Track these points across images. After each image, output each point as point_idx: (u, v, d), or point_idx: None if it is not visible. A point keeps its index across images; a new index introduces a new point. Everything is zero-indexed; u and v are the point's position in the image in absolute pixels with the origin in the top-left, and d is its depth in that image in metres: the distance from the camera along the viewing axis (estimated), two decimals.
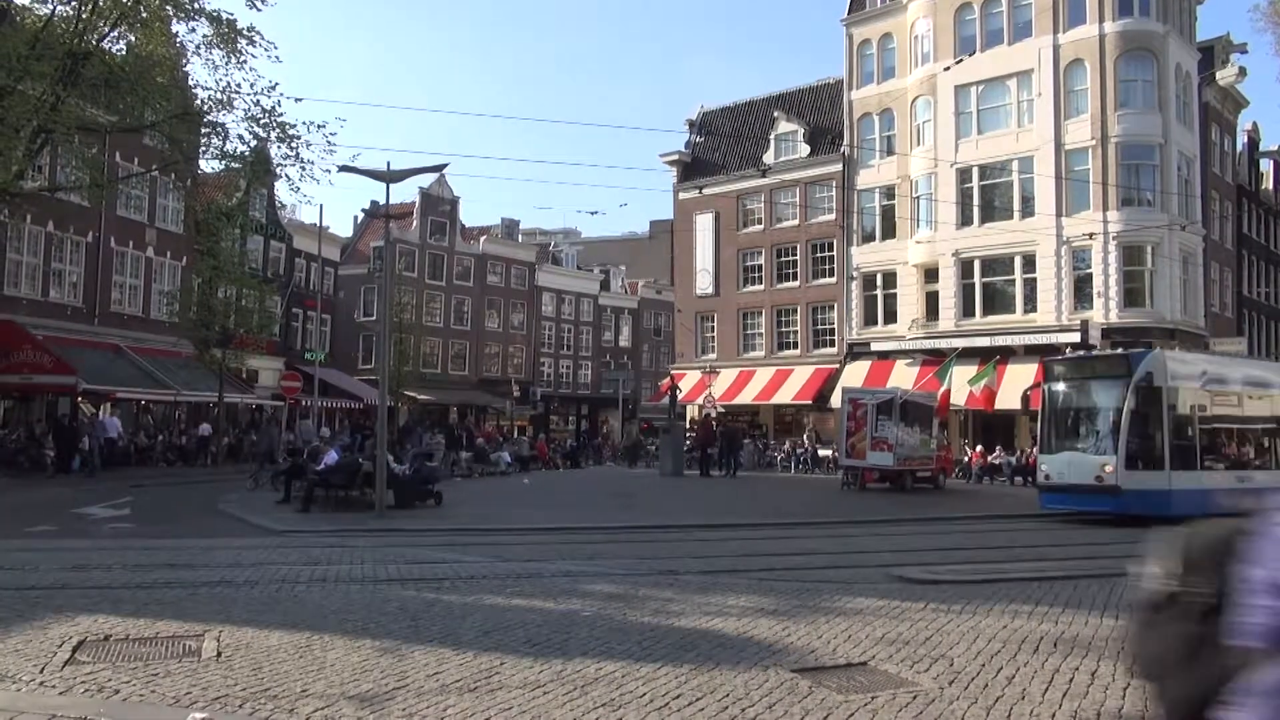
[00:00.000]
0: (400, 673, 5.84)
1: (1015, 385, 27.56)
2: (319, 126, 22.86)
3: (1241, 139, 42.43)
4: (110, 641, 6.54)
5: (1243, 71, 38.06)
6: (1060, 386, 19.65)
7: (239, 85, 23.17)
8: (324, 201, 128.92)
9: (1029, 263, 33.41)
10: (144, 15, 22.22)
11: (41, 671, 5.75)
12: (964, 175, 34.81)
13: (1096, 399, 19.03)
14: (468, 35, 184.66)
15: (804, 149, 41.32)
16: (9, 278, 29.11)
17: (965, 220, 34.54)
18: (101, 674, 5.72)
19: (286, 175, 24.13)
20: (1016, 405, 25.46)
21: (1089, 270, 32.30)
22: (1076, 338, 29.90)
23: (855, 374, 35.55)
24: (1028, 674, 6.04)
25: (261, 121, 22.88)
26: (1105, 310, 31.59)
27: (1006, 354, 32.06)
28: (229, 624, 7.08)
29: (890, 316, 36.99)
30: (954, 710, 5.25)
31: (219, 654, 6.23)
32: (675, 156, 45.98)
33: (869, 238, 38.48)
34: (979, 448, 33.02)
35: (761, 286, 42.06)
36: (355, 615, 7.63)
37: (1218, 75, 37.01)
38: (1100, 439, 18.50)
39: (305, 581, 9.33)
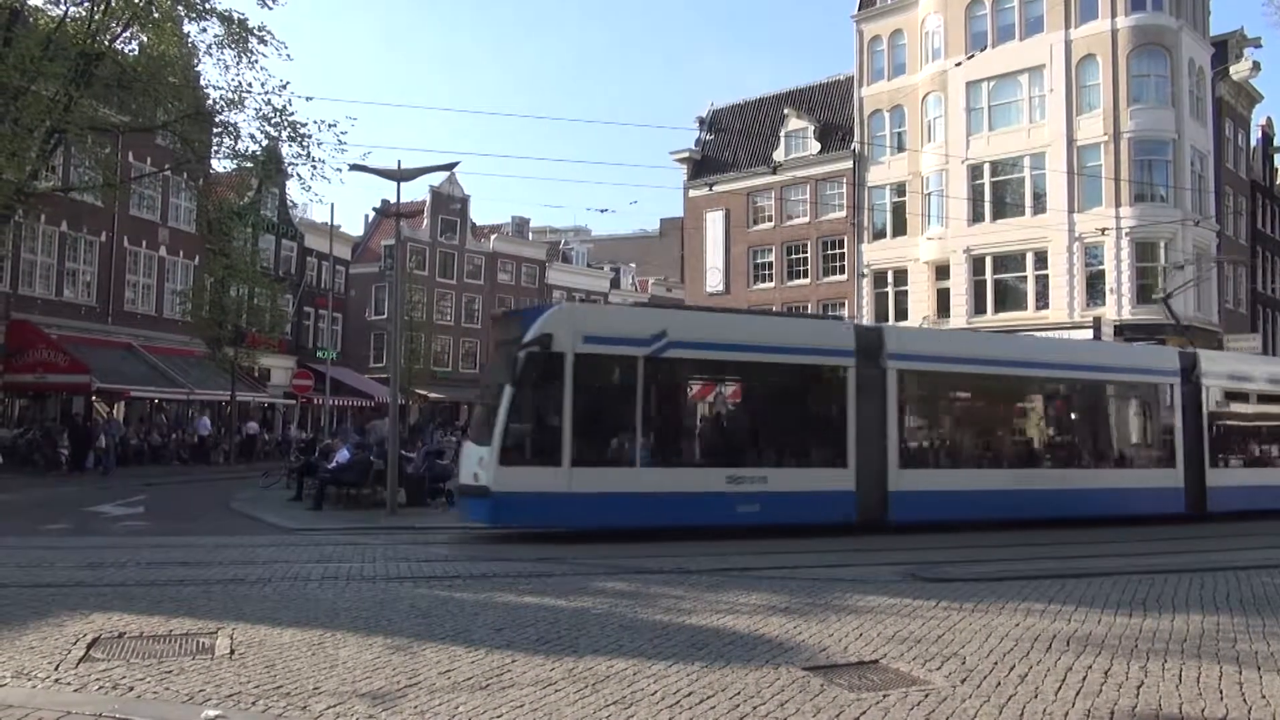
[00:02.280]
0: (412, 670, 5.86)
1: None
2: (330, 125, 22.95)
3: (1255, 134, 42.15)
4: (124, 639, 6.58)
5: (1256, 66, 37.80)
6: (493, 354, 15.14)
7: (250, 84, 23.29)
8: (335, 200, 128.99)
9: (1041, 259, 33.27)
10: (156, 16, 22.31)
11: (57, 668, 5.79)
12: (975, 171, 34.68)
13: (496, 370, 14.83)
14: (478, 33, 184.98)
15: (814, 146, 41.23)
16: (23, 277, 29.30)
17: (977, 217, 34.41)
18: (116, 671, 5.75)
19: (298, 174, 24.24)
20: None
21: (1101, 266, 32.14)
22: (1089, 335, 29.73)
23: None
24: (1041, 672, 6.01)
25: (273, 121, 22.98)
26: (1118, 306, 31.43)
27: None
28: (242, 621, 7.12)
29: (901, 314, 36.88)
30: (966, 709, 5.23)
31: (232, 651, 6.26)
32: (685, 154, 45.92)
33: (880, 235, 38.39)
34: None
35: (772, 284, 42.00)
36: (367, 613, 7.65)
37: (1231, 70, 36.76)
38: (486, 424, 13.88)
39: (317, 579, 9.36)
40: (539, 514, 13.22)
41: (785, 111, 42.92)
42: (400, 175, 17.67)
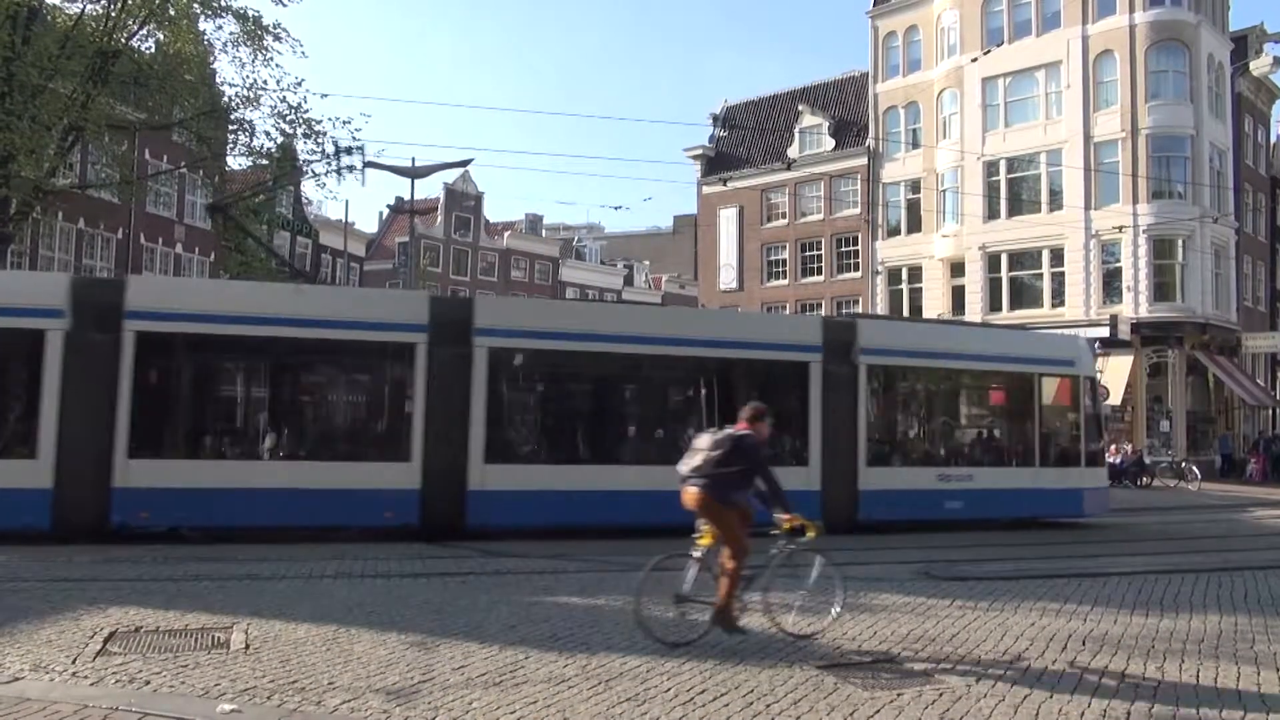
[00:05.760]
0: (426, 666, 5.87)
1: None
2: (344, 122, 23.03)
3: (1275, 130, 41.75)
4: (141, 633, 6.62)
5: (1277, 61, 37.40)
6: None
7: (265, 82, 23.34)
8: (350, 197, 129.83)
9: (1057, 256, 33.06)
10: (172, 13, 22.41)
11: (74, 662, 5.83)
12: (991, 168, 34.48)
13: None
14: (491, 31, 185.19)
15: (829, 142, 41.09)
16: None
17: (992, 214, 34.23)
18: (132, 665, 5.79)
19: (312, 171, 24.31)
20: None
21: (1118, 264, 31.91)
22: (1106, 332, 29.57)
23: None
24: (1056, 672, 5.98)
25: (288, 118, 23.03)
26: (1135, 304, 31.19)
27: None
28: (257, 616, 7.15)
29: (916, 311, 36.71)
30: (981, 708, 5.21)
31: (247, 646, 6.29)
32: (699, 151, 45.85)
33: (894, 232, 38.24)
34: None
35: (786, 281, 41.91)
36: (381, 609, 7.67)
37: (1251, 65, 36.41)
38: None
39: (332, 575, 9.40)
40: None
41: (799, 108, 42.79)
42: (414, 172, 17.78)
